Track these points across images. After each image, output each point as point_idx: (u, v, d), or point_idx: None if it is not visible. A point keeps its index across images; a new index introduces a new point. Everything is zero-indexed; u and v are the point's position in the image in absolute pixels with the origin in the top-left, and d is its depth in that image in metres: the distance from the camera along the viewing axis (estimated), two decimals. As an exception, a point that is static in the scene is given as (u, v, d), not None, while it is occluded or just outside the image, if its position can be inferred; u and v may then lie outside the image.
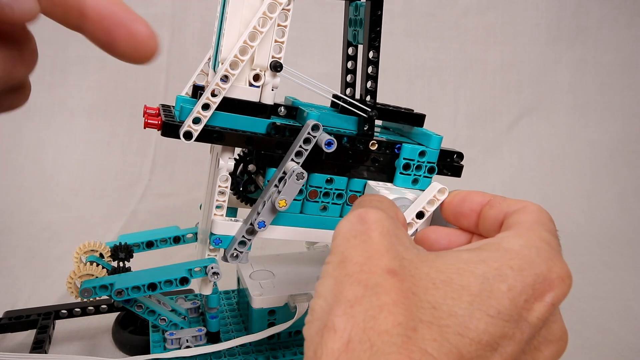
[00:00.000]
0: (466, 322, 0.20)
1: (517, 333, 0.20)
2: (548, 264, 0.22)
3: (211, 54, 0.41)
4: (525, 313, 0.21)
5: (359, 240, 0.22)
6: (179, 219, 0.63)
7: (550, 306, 0.21)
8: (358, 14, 0.41)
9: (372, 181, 0.41)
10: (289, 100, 0.45)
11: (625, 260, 0.81)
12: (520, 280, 0.21)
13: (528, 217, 0.25)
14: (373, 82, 0.40)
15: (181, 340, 0.44)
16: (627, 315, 0.65)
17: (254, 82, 0.36)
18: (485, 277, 0.21)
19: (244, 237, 0.38)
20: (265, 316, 0.44)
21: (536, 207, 0.27)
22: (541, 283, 0.21)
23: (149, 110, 0.38)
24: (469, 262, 0.22)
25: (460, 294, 0.21)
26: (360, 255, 0.22)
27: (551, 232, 0.25)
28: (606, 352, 0.56)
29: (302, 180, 0.36)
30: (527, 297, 0.21)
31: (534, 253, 0.22)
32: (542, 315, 0.21)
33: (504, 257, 0.22)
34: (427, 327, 0.19)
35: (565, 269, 0.22)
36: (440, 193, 0.36)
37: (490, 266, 0.22)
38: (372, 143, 0.40)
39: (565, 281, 0.22)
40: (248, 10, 0.35)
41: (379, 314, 0.19)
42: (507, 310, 0.20)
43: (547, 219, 0.26)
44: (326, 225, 0.41)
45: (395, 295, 0.20)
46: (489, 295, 0.21)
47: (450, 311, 0.20)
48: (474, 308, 0.20)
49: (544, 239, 0.24)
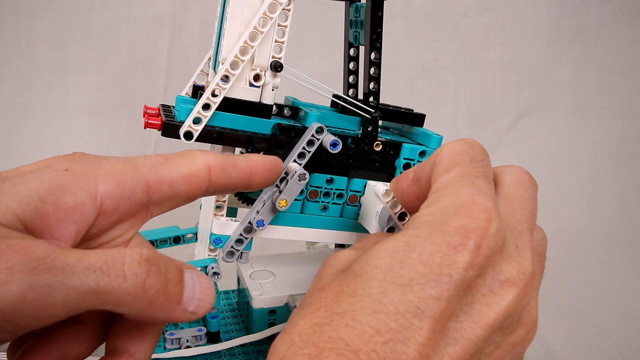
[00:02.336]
0: (380, 299, 0.20)
1: (440, 291, 0.20)
2: (456, 214, 0.21)
3: (211, 54, 0.41)
4: (445, 269, 0.20)
5: (317, 274, 0.26)
6: (179, 219, 0.63)
7: (476, 250, 0.20)
8: (358, 15, 0.41)
9: (372, 181, 0.41)
10: (289, 100, 0.45)
11: (625, 260, 0.81)
12: (429, 242, 0.21)
13: (443, 178, 0.25)
14: (375, 83, 0.40)
15: (181, 340, 0.44)
16: (627, 315, 0.65)
17: (254, 82, 0.36)
18: (395, 250, 0.22)
19: (241, 235, 0.38)
20: (265, 316, 0.44)
21: (441, 155, 0.26)
22: (454, 235, 0.21)
23: (149, 110, 0.38)
24: (383, 243, 0.22)
25: (374, 274, 0.21)
26: (311, 285, 0.25)
27: (461, 174, 0.24)
28: (606, 352, 0.56)
29: (305, 182, 0.36)
30: (442, 254, 0.21)
31: (438, 214, 0.22)
32: (469, 263, 0.20)
33: (410, 230, 0.22)
34: (341, 317, 0.20)
35: (477, 208, 0.21)
36: (385, 195, 0.36)
37: (399, 240, 0.22)
38: (377, 144, 0.40)
39: (481, 217, 0.21)
40: (248, 10, 0.35)
41: (300, 320, 0.21)
42: (421, 273, 0.20)
43: (457, 156, 0.25)
44: (326, 225, 0.41)
45: (318, 304, 0.22)
46: (400, 266, 0.21)
47: (365, 293, 0.21)
48: (386, 283, 0.21)
49: (447, 194, 0.23)
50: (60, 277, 0.17)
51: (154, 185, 0.23)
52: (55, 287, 0.17)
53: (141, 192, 0.23)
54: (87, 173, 0.21)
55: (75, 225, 0.20)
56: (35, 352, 0.21)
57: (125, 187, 0.22)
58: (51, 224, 0.20)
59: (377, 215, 0.38)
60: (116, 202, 0.22)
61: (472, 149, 0.26)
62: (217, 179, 0.25)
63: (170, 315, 0.21)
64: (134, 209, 0.23)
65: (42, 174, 0.20)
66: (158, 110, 0.38)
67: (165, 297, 0.20)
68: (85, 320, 0.22)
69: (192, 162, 0.25)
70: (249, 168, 0.27)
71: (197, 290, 0.22)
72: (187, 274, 0.22)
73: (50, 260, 0.17)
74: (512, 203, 0.25)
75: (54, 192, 0.20)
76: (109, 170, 0.22)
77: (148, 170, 0.23)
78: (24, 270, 0.17)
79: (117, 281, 0.18)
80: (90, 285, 0.18)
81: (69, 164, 0.21)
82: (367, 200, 0.40)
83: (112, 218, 0.22)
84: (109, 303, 0.18)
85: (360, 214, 0.42)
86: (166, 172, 0.23)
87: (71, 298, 0.17)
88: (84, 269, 0.18)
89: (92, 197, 0.21)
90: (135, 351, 0.22)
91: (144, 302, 0.19)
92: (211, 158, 0.25)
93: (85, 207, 0.21)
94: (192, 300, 0.21)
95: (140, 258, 0.19)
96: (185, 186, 0.24)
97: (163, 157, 0.24)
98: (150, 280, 0.19)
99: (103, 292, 0.18)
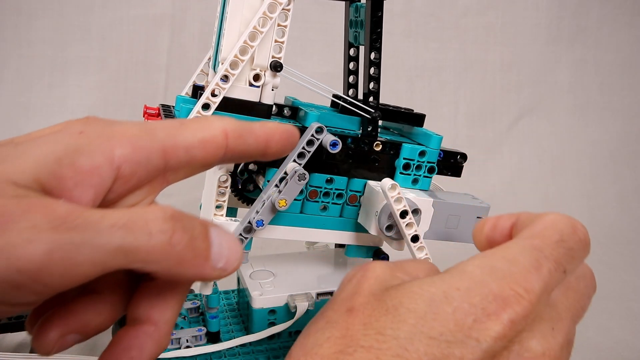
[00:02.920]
0: (406, 345, 0.20)
1: (465, 354, 0.20)
2: (500, 282, 0.21)
3: (211, 54, 0.41)
4: (475, 333, 0.20)
5: (348, 284, 0.25)
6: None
7: (510, 324, 0.20)
8: (358, 15, 0.41)
9: (372, 181, 0.41)
10: (289, 100, 0.45)
11: (625, 260, 0.81)
12: (467, 301, 0.21)
13: (525, 232, 0.24)
14: (375, 83, 0.40)
15: (181, 340, 0.44)
16: (627, 315, 0.65)
17: (254, 82, 0.36)
18: (432, 299, 0.21)
19: (241, 235, 0.38)
20: (265, 316, 0.44)
21: (542, 219, 0.25)
22: (492, 302, 0.21)
23: (149, 110, 0.38)
24: (423, 285, 0.22)
25: (406, 318, 0.21)
26: (339, 297, 0.24)
27: (536, 247, 0.23)
28: (606, 352, 0.56)
29: (304, 182, 0.36)
30: (475, 317, 0.20)
31: (485, 273, 0.22)
32: (500, 334, 0.20)
33: (453, 279, 0.22)
34: (365, 351, 0.20)
35: (524, 285, 0.21)
36: (391, 189, 0.36)
37: (439, 288, 0.22)
38: (377, 144, 0.40)
39: (524, 297, 0.21)
40: (248, 10, 0.35)
41: (325, 343, 0.21)
42: (451, 331, 0.20)
43: (549, 229, 0.24)
44: (326, 225, 0.41)
45: (345, 331, 0.21)
46: (433, 317, 0.21)
47: (393, 335, 0.20)
48: (416, 330, 0.20)
49: (507, 256, 0.22)
50: (85, 235, 0.17)
51: (170, 151, 0.22)
52: (81, 245, 0.17)
53: (157, 157, 0.22)
54: (102, 135, 0.21)
55: (93, 189, 0.20)
56: (56, 321, 0.20)
57: (142, 151, 0.21)
58: (69, 186, 0.19)
59: (377, 215, 0.38)
60: (133, 166, 0.21)
61: (571, 234, 0.24)
62: (233, 145, 0.24)
63: (200, 272, 0.20)
64: (151, 174, 0.22)
65: (56, 137, 0.20)
66: (158, 110, 0.38)
67: (193, 253, 0.20)
68: (104, 290, 0.22)
69: (208, 127, 0.24)
70: (265, 135, 0.25)
71: (224, 247, 0.21)
72: (212, 231, 0.21)
73: (73, 218, 0.17)
74: (568, 292, 0.25)
75: (70, 155, 0.19)
76: (124, 133, 0.21)
77: (164, 135, 0.22)
78: (48, 228, 0.16)
79: (142, 238, 0.18)
80: (117, 243, 0.17)
81: (83, 126, 0.21)
82: (367, 200, 0.40)
83: (129, 183, 0.21)
84: (136, 261, 0.18)
85: (360, 214, 0.42)
86: (182, 137, 0.23)
87: (98, 256, 0.17)
88: (108, 227, 0.17)
89: (110, 160, 0.20)
90: (159, 319, 0.22)
91: (172, 259, 0.19)
92: (227, 123, 0.24)
93: (102, 170, 0.20)
94: (220, 257, 0.21)
95: (164, 215, 0.19)
96: (202, 152, 0.23)
97: (178, 122, 0.24)
98: (176, 237, 0.19)
99: (129, 250, 0.18)
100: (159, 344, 0.22)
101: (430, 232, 0.39)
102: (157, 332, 0.22)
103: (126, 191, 0.22)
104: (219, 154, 0.24)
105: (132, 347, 0.21)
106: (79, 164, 0.19)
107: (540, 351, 0.21)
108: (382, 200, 0.38)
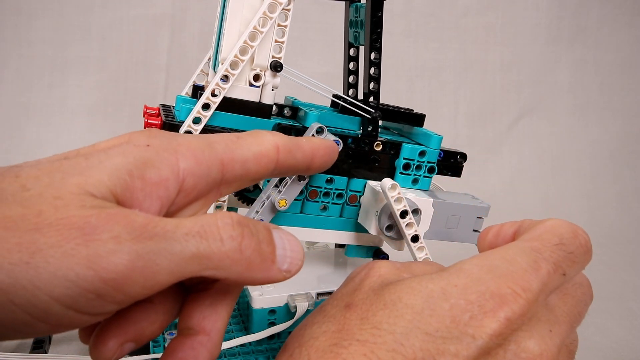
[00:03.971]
0: (402, 340, 0.20)
1: (460, 350, 0.20)
2: (498, 280, 0.21)
3: (211, 54, 0.41)
4: (471, 330, 0.20)
5: (351, 281, 0.26)
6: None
7: (506, 321, 0.21)
8: (358, 16, 0.41)
9: (372, 181, 0.41)
10: (289, 100, 0.45)
11: (625, 260, 0.81)
12: (464, 298, 0.21)
13: (525, 235, 0.25)
14: (375, 83, 0.40)
15: (181, 340, 0.44)
16: (627, 315, 0.65)
17: (254, 82, 0.36)
18: (430, 295, 0.21)
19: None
20: (265, 316, 0.44)
21: (543, 223, 0.25)
22: (489, 300, 0.21)
23: (149, 110, 0.38)
24: (421, 281, 0.22)
25: (404, 313, 0.21)
26: (340, 292, 0.25)
27: (534, 248, 0.23)
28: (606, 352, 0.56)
29: (304, 182, 0.36)
30: (472, 314, 0.21)
31: (483, 271, 0.22)
32: (496, 331, 0.20)
33: (452, 276, 0.22)
34: (361, 345, 0.20)
35: (522, 284, 0.21)
36: (391, 189, 0.36)
37: (437, 285, 0.22)
38: (377, 144, 0.40)
39: (521, 296, 0.21)
40: (248, 10, 0.35)
41: (321, 336, 0.22)
42: (447, 327, 0.20)
43: (549, 233, 0.24)
44: (326, 225, 0.41)
45: (342, 325, 0.22)
46: (430, 313, 0.21)
47: (389, 329, 0.21)
48: (412, 326, 0.21)
49: (505, 256, 0.23)
50: (163, 244, 0.17)
51: (228, 164, 0.23)
52: (159, 254, 0.17)
53: (216, 170, 0.23)
54: (168, 149, 0.21)
55: (160, 201, 0.20)
56: (113, 330, 0.21)
57: (204, 164, 0.22)
58: (140, 198, 0.20)
59: (377, 215, 0.38)
60: (195, 179, 0.22)
61: (572, 238, 0.24)
62: (283, 159, 0.25)
63: (267, 275, 0.21)
64: (209, 187, 0.23)
65: (124, 150, 0.20)
66: (158, 110, 0.38)
67: (261, 257, 0.20)
68: (156, 299, 0.22)
69: (262, 141, 0.25)
70: (312, 150, 0.27)
71: (287, 249, 0.21)
72: (275, 233, 0.22)
73: (152, 227, 0.17)
74: (566, 297, 0.25)
75: (139, 167, 0.20)
76: (187, 146, 0.22)
77: (222, 149, 0.23)
78: (129, 238, 0.17)
79: (215, 245, 0.18)
80: (192, 251, 0.18)
81: (149, 139, 0.21)
82: (367, 200, 0.40)
83: (190, 196, 0.22)
84: (209, 268, 0.18)
85: (360, 214, 0.42)
86: (239, 151, 0.23)
87: (175, 264, 0.17)
88: (183, 235, 0.18)
89: (175, 173, 0.21)
90: (211, 329, 0.22)
91: (243, 264, 0.19)
92: (278, 138, 0.25)
93: (169, 182, 0.21)
94: (285, 259, 0.21)
95: (232, 221, 0.19)
96: (256, 166, 0.24)
97: (235, 136, 0.24)
98: (245, 242, 0.19)
99: (204, 257, 0.18)
100: (212, 353, 0.22)
101: (430, 232, 0.39)
102: (210, 342, 0.22)
103: (186, 203, 0.22)
104: (270, 167, 0.25)
105: (187, 357, 0.22)
106: (148, 176, 0.20)
107: (537, 352, 0.21)
108: (382, 200, 0.38)
